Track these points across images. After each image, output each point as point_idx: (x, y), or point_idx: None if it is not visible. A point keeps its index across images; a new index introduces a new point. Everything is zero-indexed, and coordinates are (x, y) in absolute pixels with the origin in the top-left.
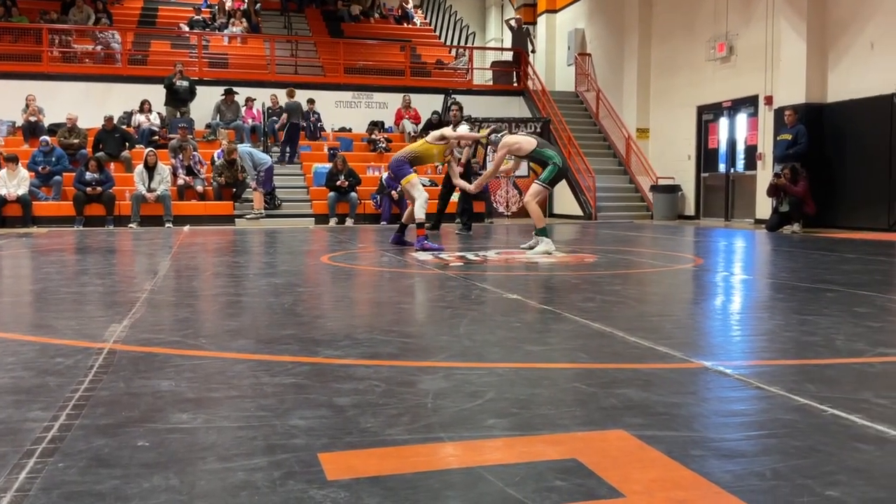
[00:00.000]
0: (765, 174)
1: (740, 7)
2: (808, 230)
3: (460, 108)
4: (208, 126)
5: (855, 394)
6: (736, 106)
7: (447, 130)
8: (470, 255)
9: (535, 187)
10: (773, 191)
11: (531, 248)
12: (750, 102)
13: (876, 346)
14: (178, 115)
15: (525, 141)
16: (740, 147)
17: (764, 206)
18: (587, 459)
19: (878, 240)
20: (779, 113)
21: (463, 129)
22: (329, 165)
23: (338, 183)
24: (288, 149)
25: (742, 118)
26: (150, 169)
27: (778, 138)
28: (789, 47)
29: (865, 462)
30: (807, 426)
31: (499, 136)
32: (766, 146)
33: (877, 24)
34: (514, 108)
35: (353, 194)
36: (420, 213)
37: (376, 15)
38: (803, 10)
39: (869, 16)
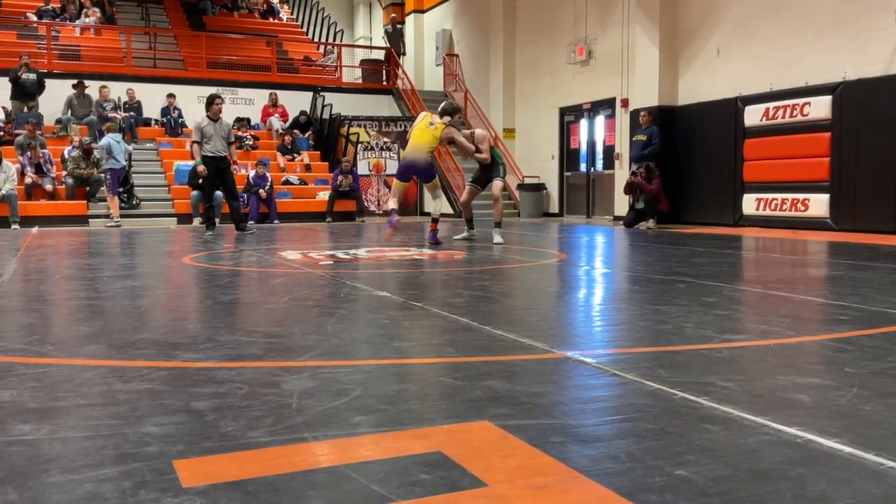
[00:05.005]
0: (622, 173)
1: (598, 13)
2: (662, 226)
3: (223, 101)
4: (59, 121)
5: (703, 378)
6: (595, 108)
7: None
8: (340, 254)
9: (499, 183)
10: (630, 189)
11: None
12: (608, 105)
13: (722, 332)
14: (26, 109)
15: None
16: (599, 147)
17: (622, 204)
18: (452, 452)
19: (725, 234)
20: (634, 115)
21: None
22: (192, 163)
23: (201, 181)
24: None
25: (601, 120)
26: None
27: (633, 139)
28: (643, 53)
29: (712, 442)
30: (659, 409)
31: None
32: (622, 146)
33: (722, 33)
34: (384, 106)
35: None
36: (439, 211)
37: (242, 9)
38: (656, 17)
39: (715, 24)
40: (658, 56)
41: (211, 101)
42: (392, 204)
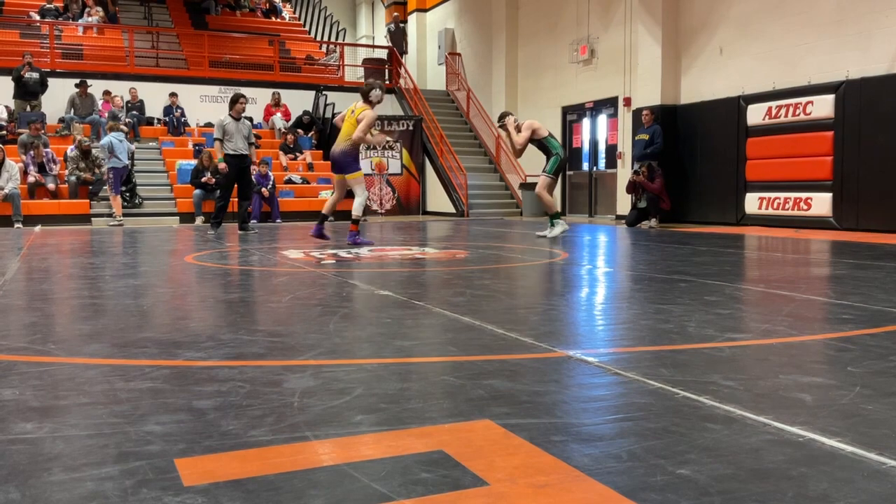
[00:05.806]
0: (624, 172)
1: (600, 12)
2: (664, 225)
3: (246, 101)
4: (61, 120)
5: (705, 377)
6: (598, 107)
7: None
8: (342, 253)
9: (544, 179)
10: (632, 188)
11: (546, 235)
12: (610, 104)
13: (724, 331)
14: (29, 108)
15: (542, 126)
16: (602, 146)
17: (624, 203)
18: (453, 450)
19: (727, 233)
20: (637, 114)
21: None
22: (194, 162)
23: (203, 180)
24: None
25: (603, 119)
26: None
27: (636, 138)
28: (646, 51)
29: (714, 441)
30: (661, 408)
31: (512, 116)
32: (625, 145)
33: (725, 32)
34: (387, 105)
35: None
36: (358, 211)
37: (244, 9)
38: (658, 16)
39: (718, 23)
40: (661, 55)
41: (234, 101)
42: (325, 208)
